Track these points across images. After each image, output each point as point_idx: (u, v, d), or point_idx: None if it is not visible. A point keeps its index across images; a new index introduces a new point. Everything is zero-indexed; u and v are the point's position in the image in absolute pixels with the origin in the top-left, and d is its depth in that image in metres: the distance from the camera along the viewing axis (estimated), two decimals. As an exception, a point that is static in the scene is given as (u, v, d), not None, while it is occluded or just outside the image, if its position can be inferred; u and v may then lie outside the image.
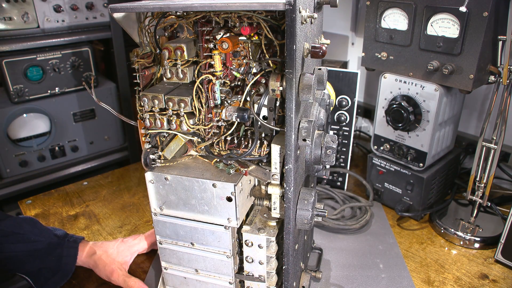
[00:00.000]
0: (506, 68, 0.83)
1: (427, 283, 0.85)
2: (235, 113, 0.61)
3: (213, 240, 0.69)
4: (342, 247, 0.96)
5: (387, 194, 1.09)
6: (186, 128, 0.62)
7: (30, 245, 0.82)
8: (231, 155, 0.65)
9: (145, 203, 1.16)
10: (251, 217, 0.72)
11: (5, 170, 1.46)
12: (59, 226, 1.06)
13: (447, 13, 0.86)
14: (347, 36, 1.46)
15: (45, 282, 0.82)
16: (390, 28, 0.96)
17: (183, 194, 0.67)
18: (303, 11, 0.52)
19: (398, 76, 0.98)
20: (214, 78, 0.61)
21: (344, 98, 1.10)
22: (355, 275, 0.87)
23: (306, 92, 0.54)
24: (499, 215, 1.01)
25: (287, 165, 0.57)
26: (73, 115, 1.57)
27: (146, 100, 0.62)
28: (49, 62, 1.46)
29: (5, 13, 1.36)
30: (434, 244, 0.97)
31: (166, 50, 0.60)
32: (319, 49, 0.55)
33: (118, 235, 1.02)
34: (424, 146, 0.98)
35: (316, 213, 0.65)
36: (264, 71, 0.62)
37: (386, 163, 1.07)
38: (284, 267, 0.65)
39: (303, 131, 0.56)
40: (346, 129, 1.13)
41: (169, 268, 0.77)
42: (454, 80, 0.89)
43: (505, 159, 1.12)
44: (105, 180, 1.29)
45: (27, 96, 1.44)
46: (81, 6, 1.53)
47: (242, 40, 0.62)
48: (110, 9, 0.58)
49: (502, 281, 0.85)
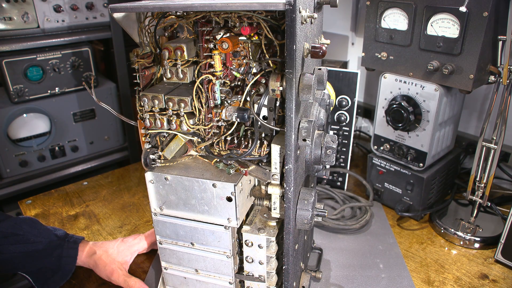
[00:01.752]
0: (506, 68, 0.83)
1: (427, 283, 0.85)
2: (235, 113, 0.61)
3: (213, 240, 0.69)
4: (342, 247, 0.96)
5: (387, 194, 1.09)
6: (186, 128, 0.62)
7: (29, 246, 0.82)
8: (231, 155, 0.65)
9: (145, 203, 1.16)
10: (251, 217, 0.72)
11: (5, 170, 1.46)
12: (59, 226, 1.06)
13: (447, 13, 0.86)
14: (347, 36, 1.46)
15: (45, 281, 0.82)
16: (390, 28, 0.96)
17: (183, 194, 0.67)
18: (303, 11, 0.52)
19: (398, 76, 0.98)
20: (214, 78, 0.60)
21: (344, 98, 1.10)
22: (355, 275, 0.87)
23: (306, 92, 0.54)
24: (499, 215, 1.01)
25: (287, 165, 0.57)
26: (73, 115, 1.57)
27: (146, 100, 0.62)
28: (49, 62, 1.46)
29: (5, 13, 1.36)
30: (434, 244, 0.97)
31: (166, 50, 0.60)
32: (319, 49, 0.55)
33: (118, 235, 1.02)
34: (424, 146, 0.98)
35: (316, 213, 0.65)
36: (264, 71, 0.62)
37: (386, 163, 1.07)
38: (284, 267, 0.65)
39: (303, 131, 0.56)
40: (346, 129, 1.13)
41: (169, 268, 0.77)
42: (454, 80, 0.89)
43: (505, 159, 1.12)
44: (105, 180, 1.29)
45: (27, 96, 1.44)
46: (81, 6, 1.53)
47: (242, 40, 0.62)
48: (110, 9, 0.58)
49: (502, 281, 0.85)
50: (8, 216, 0.86)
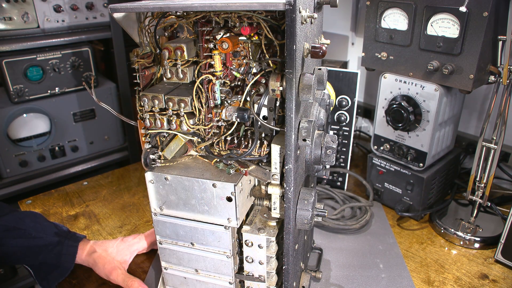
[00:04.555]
0: (506, 68, 0.83)
1: (427, 283, 0.85)
2: (235, 113, 0.61)
3: (213, 240, 0.69)
4: (342, 247, 0.96)
5: (387, 194, 1.09)
6: (186, 128, 0.62)
7: (30, 241, 0.82)
8: (231, 155, 0.65)
9: (145, 203, 1.16)
10: (251, 217, 0.72)
11: (5, 170, 1.46)
12: (59, 226, 1.06)
13: (447, 13, 0.86)
14: (347, 36, 1.46)
15: (45, 276, 0.83)
16: (390, 28, 0.96)
17: (183, 194, 0.67)
18: (303, 11, 0.52)
19: (398, 76, 0.98)
20: (214, 78, 0.60)
21: (344, 98, 1.10)
22: (355, 275, 0.87)
23: (306, 92, 0.54)
24: (499, 215, 1.01)
25: (287, 165, 0.57)
26: (73, 115, 1.57)
27: (146, 100, 0.62)
28: (49, 62, 1.46)
29: (5, 13, 1.36)
30: (434, 244, 0.97)
31: (166, 50, 0.60)
32: (319, 49, 0.55)
33: (118, 235, 1.02)
34: (424, 146, 0.98)
35: (316, 213, 0.65)
36: (264, 71, 0.62)
37: (386, 163, 1.07)
38: (284, 267, 0.65)
39: (303, 131, 0.56)
40: (346, 129, 1.13)
41: (169, 268, 0.77)
42: (454, 80, 0.89)
43: (505, 159, 1.12)
44: (105, 180, 1.29)
45: (27, 96, 1.44)
46: (81, 6, 1.53)
47: (242, 40, 0.62)
48: (110, 9, 0.58)
49: (502, 281, 0.85)
50: (13, 210, 0.87)
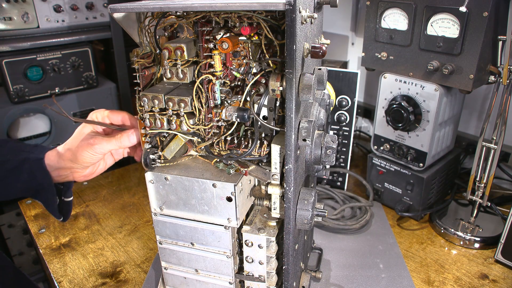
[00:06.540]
0: (506, 68, 0.83)
1: (427, 283, 0.85)
2: (235, 113, 0.61)
3: (213, 240, 0.69)
4: (342, 247, 0.96)
5: (387, 194, 1.09)
6: (186, 128, 0.62)
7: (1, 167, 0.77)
8: (231, 155, 0.65)
9: (145, 203, 1.16)
10: (251, 217, 0.72)
11: (5, 170, 1.46)
12: (59, 226, 1.06)
13: (447, 13, 0.86)
14: (347, 36, 1.46)
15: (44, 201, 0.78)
16: (390, 28, 0.96)
17: (183, 194, 0.67)
18: (303, 11, 0.52)
19: (398, 76, 0.98)
20: (214, 78, 0.60)
21: (344, 98, 1.10)
22: (355, 275, 0.87)
23: (306, 92, 0.54)
24: (499, 215, 1.01)
25: (287, 165, 0.57)
26: (73, 115, 1.57)
27: (146, 100, 0.62)
28: (49, 62, 1.46)
29: (5, 13, 1.36)
30: (434, 244, 0.97)
31: (166, 50, 0.60)
32: (319, 49, 0.55)
33: (118, 235, 1.02)
34: (424, 146, 0.98)
35: (316, 213, 0.65)
36: (264, 71, 0.62)
37: (386, 163, 1.07)
38: (284, 267, 0.65)
39: (303, 131, 0.56)
40: (346, 129, 1.13)
41: (169, 268, 0.77)
42: (454, 80, 0.89)
43: (505, 159, 1.12)
44: (105, 180, 1.29)
45: (27, 96, 1.44)
46: (81, 6, 1.53)
47: (242, 40, 0.62)
48: (110, 9, 0.58)
49: (502, 281, 0.85)
50: None
